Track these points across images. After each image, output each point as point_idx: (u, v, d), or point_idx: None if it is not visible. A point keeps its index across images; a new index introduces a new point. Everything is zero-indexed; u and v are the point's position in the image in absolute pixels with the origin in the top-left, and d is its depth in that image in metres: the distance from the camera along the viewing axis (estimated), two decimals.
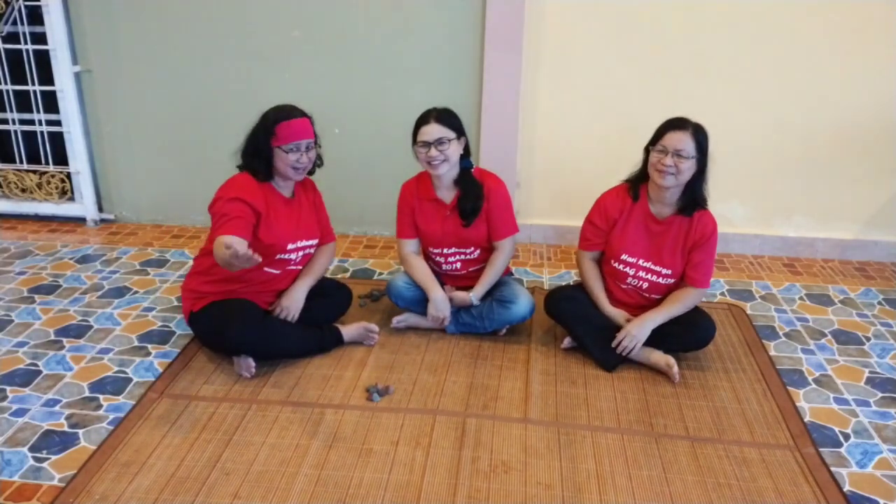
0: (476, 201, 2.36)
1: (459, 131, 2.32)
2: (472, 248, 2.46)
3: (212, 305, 2.22)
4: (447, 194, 2.41)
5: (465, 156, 2.38)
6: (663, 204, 2.25)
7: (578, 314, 2.37)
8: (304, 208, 2.36)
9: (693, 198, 2.20)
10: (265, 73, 3.28)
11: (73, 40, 3.33)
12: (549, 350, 2.44)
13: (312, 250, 2.42)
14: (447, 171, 2.33)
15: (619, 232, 2.31)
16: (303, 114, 2.22)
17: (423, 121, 2.29)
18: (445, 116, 2.29)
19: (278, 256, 2.27)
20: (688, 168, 2.12)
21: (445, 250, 2.46)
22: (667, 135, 2.14)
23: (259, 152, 2.19)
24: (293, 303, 2.34)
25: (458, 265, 2.50)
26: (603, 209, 2.33)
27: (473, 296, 2.43)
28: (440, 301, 2.41)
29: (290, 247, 2.28)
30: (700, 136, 2.13)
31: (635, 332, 2.24)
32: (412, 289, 2.50)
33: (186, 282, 2.34)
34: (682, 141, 2.11)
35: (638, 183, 2.29)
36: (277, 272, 2.33)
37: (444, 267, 2.51)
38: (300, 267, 2.41)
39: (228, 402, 2.11)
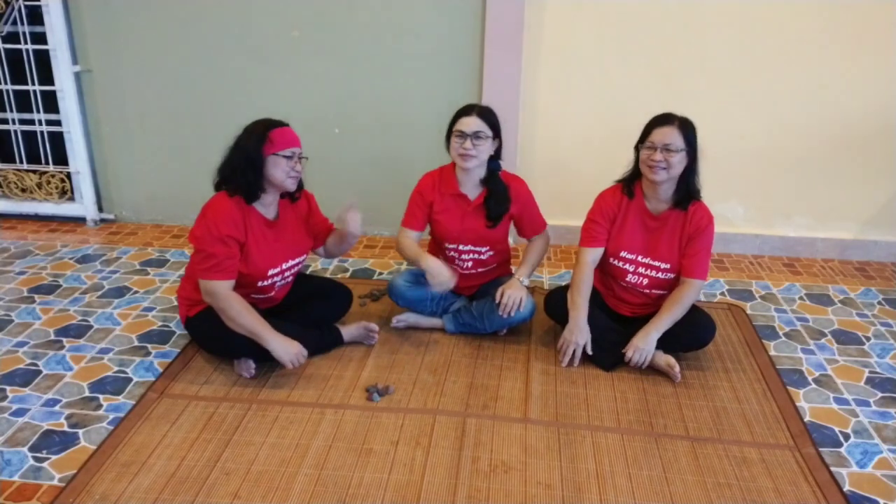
0: (504, 204, 2.38)
1: (496, 132, 2.34)
2: (487, 248, 2.47)
3: (208, 309, 2.20)
4: (472, 191, 2.41)
5: (495, 158, 2.38)
6: (658, 200, 2.27)
7: None
8: (289, 227, 2.28)
9: (687, 191, 2.23)
10: (265, 73, 3.28)
11: (73, 40, 3.33)
12: (549, 350, 2.44)
13: (298, 268, 2.36)
14: (475, 168, 2.34)
15: (618, 229, 2.33)
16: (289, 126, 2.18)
17: (464, 112, 2.31)
18: (487, 113, 2.31)
19: (259, 283, 2.22)
20: (678, 161, 2.15)
21: (461, 247, 2.46)
22: (654, 131, 2.18)
23: (251, 162, 2.06)
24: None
25: (470, 263, 2.50)
26: (603, 206, 2.35)
27: (523, 278, 2.41)
28: (436, 266, 2.28)
29: (271, 272, 2.22)
30: (687, 129, 2.17)
31: (642, 345, 2.24)
32: (413, 288, 2.50)
33: (181, 288, 2.32)
34: (669, 135, 2.14)
35: (631, 182, 2.32)
36: (262, 297, 2.29)
37: (456, 263, 2.51)
38: (287, 283, 2.36)
39: (228, 402, 2.11)
